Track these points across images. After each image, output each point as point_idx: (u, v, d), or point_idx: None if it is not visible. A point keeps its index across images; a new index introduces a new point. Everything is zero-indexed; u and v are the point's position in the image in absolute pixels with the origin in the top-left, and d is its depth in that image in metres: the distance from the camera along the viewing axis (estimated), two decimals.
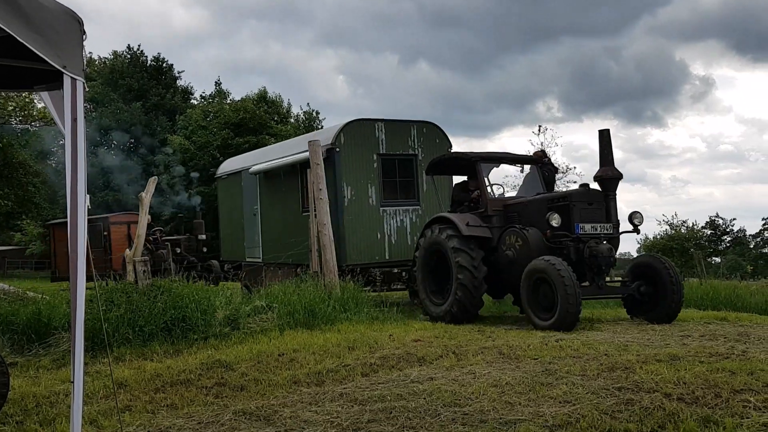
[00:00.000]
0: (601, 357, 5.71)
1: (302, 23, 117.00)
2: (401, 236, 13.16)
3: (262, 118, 37.42)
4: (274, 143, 37.93)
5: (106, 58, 46.40)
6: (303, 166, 12.88)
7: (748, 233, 46.37)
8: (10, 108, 31.90)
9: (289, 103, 43.12)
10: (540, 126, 47.60)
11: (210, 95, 46.40)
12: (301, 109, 46.24)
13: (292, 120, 43.21)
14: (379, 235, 12.90)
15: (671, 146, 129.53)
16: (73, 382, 2.48)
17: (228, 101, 42.38)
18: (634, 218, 9.03)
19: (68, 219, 2.45)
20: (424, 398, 4.52)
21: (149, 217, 22.83)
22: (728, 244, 45.68)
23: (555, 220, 8.68)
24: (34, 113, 32.15)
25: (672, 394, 4.22)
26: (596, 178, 8.93)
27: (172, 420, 4.35)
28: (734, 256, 40.08)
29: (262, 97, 40.05)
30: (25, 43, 2.32)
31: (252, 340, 7.65)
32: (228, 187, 17.67)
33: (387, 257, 12.90)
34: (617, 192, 9.05)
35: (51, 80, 2.82)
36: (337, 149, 12.55)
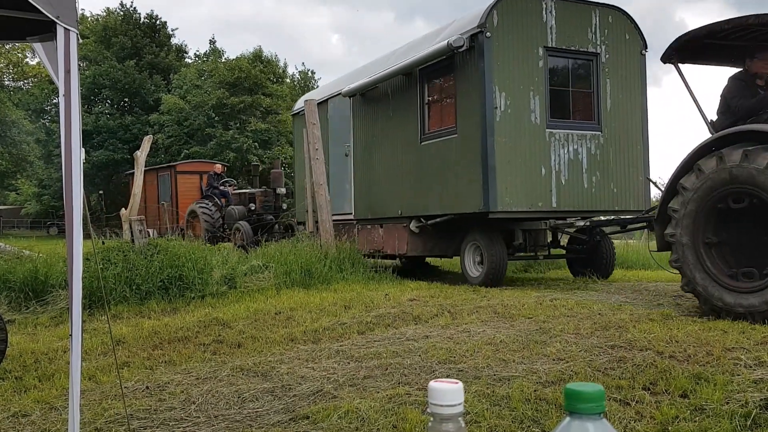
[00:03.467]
0: (595, 316, 5.77)
1: None
2: (574, 175, 8.84)
3: (257, 78, 37.06)
4: (270, 102, 37.76)
5: (98, 15, 45.69)
6: (425, 72, 9.58)
7: None
8: (2, 65, 31.54)
9: (285, 63, 42.74)
10: None
11: (204, 54, 45.89)
12: (296, 69, 45.86)
13: (287, 80, 42.83)
14: (543, 170, 8.62)
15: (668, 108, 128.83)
16: (71, 336, 2.49)
17: (223, 60, 41.90)
18: None
19: (62, 173, 2.44)
20: (420, 355, 4.57)
21: (220, 166, 20.01)
22: None
23: None
24: (26, 70, 31.78)
25: (664, 352, 4.27)
26: None
27: (171, 376, 4.40)
28: None
29: (258, 56, 39.60)
30: None
31: (249, 299, 7.70)
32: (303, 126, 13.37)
33: (553, 204, 8.66)
34: None
35: (44, 31, 2.77)
36: (488, 34, 8.32)
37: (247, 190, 18.11)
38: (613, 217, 9.06)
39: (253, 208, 16.77)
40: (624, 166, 9.10)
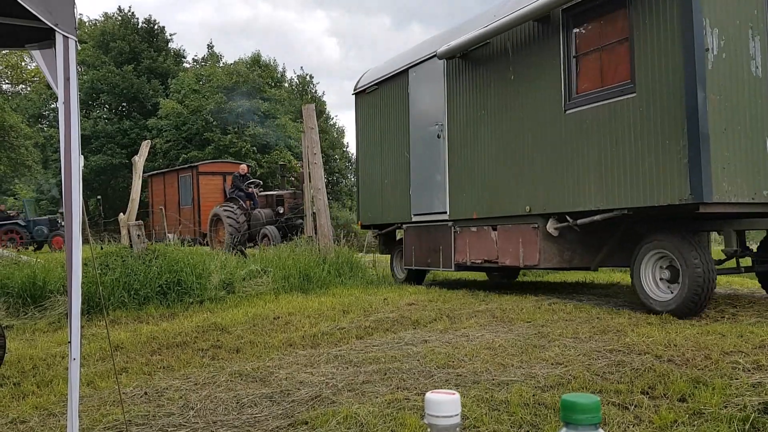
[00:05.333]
0: (593, 320, 5.78)
1: None
2: None
3: (255, 82, 37.10)
4: (268, 107, 37.79)
5: (96, 20, 45.72)
6: (573, 12, 7.09)
7: None
8: (0, 68, 31.52)
9: (283, 67, 42.89)
10: None
11: (203, 58, 45.95)
12: (295, 73, 45.97)
13: (285, 84, 42.91)
14: None
15: None
16: (70, 342, 2.49)
17: (221, 65, 41.96)
18: None
19: (62, 180, 2.44)
20: (418, 360, 4.57)
21: (245, 167, 18.13)
22: None
23: None
24: (24, 75, 31.78)
25: (662, 356, 4.28)
26: None
27: (169, 381, 4.39)
28: None
29: (256, 60, 39.65)
30: None
31: (247, 304, 7.70)
32: (377, 104, 10.60)
33: None
34: None
35: (43, 38, 2.77)
36: None
37: (274, 192, 16.87)
38: None
39: (281, 212, 15.63)
40: None
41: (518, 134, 7.71)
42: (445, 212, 8.82)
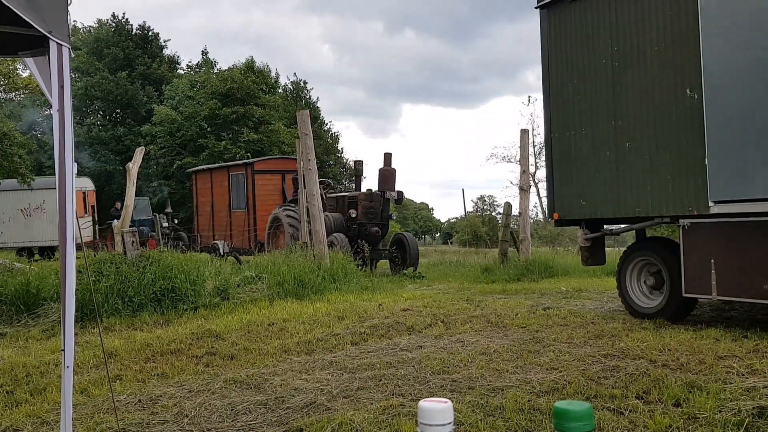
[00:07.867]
0: (588, 325, 5.78)
1: None
2: None
3: (249, 88, 37.09)
4: (263, 113, 37.75)
5: (90, 26, 45.62)
6: None
7: None
8: None
9: (276, 73, 42.89)
10: (530, 96, 47.37)
11: (197, 64, 45.90)
12: (288, 79, 45.97)
13: (279, 90, 42.93)
14: None
15: None
16: (63, 350, 2.48)
17: (215, 71, 41.92)
18: None
19: (57, 186, 2.44)
20: (413, 366, 4.57)
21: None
22: None
23: None
24: (18, 82, 31.63)
25: (657, 361, 4.28)
26: None
27: (163, 389, 4.38)
28: None
29: (250, 67, 39.63)
30: (9, 6, 2.28)
31: (242, 310, 7.68)
32: (600, 16, 6.67)
33: None
34: None
35: (36, 46, 2.77)
36: None
37: (346, 194, 14.41)
38: None
39: (353, 216, 13.21)
40: None
41: None
42: None
